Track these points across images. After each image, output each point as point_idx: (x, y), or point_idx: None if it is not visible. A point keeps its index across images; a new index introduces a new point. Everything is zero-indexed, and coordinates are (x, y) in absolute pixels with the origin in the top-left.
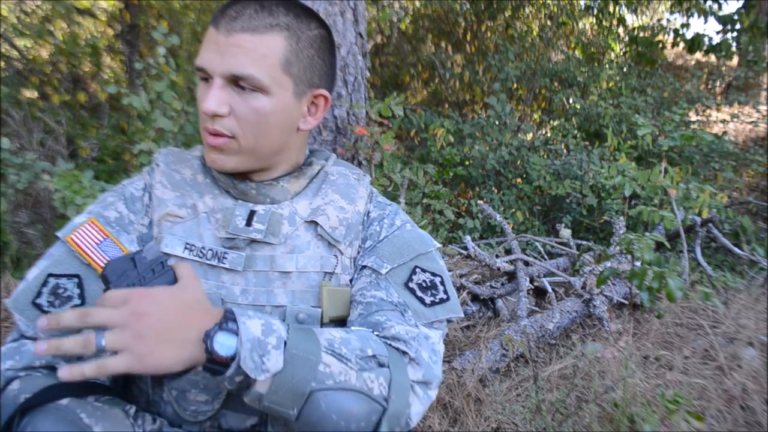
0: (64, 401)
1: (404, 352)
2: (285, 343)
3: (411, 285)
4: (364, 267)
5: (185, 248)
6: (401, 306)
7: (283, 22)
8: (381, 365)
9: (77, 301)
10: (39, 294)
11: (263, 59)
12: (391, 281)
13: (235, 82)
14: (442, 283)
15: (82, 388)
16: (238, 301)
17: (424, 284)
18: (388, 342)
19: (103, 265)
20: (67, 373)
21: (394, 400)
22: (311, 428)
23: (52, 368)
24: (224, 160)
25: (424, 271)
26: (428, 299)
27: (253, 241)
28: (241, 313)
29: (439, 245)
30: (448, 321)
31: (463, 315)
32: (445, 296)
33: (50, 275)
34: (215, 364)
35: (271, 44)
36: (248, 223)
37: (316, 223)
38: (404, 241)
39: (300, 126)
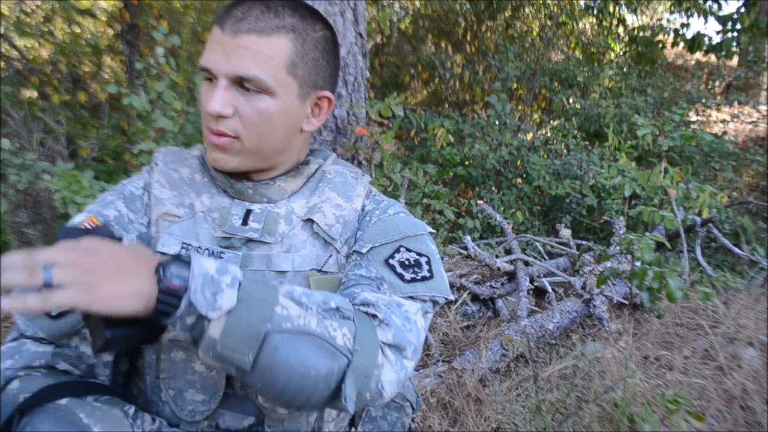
0: (63, 401)
1: (373, 315)
2: (240, 283)
3: (391, 262)
4: (352, 253)
5: (182, 247)
6: (378, 280)
7: (289, 24)
8: (345, 318)
9: None
10: None
11: (269, 61)
12: (372, 259)
13: (240, 83)
14: (429, 263)
15: (82, 388)
16: None
17: (406, 262)
18: (357, 307)
19: None
20: (8, 303)
21: (360, 354)
22: (268, 378)
23: (51, 368)
24: (226, 159)
25: (409, 250)
26: (408, 276)
27: (250, 240)
28: (197, 253)
29: (433, 231)
30: (435, 303)
31: (452, 297)
32: (428, 274)
33: None
34: (168, 296)
35: (277, 46)
36: (244, 222)
37: (312, 221)
38: (392, 224)
39: (303, 127)
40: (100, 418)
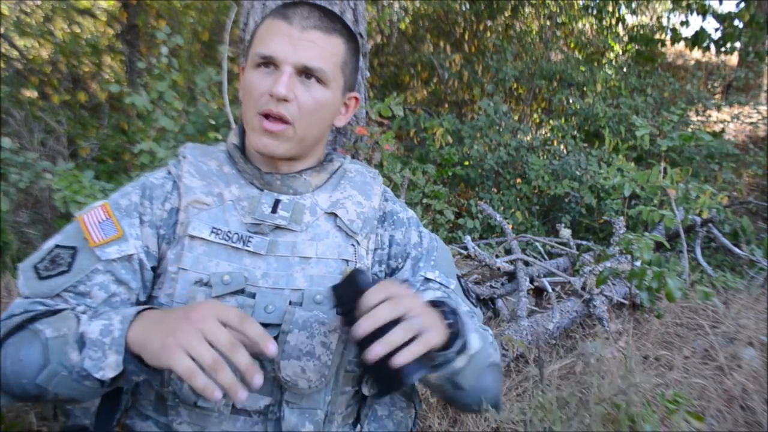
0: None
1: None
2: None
3: (466, 293)
4: (428, 279)
5: (212, 232)
6: (471, 312)
7: (340, 29)
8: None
9: (64, 268)
10: (42, 260)
11: (331, 57)
12: (458, 293)
13: (303, 72)
14: (467, 284)
15: (49, 314)
16: (259, 283)
17: (467, 288)
18: None
19: (96, 240)
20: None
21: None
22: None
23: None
24: (276, 144)
25: (460, 278)
26: (473, 301)
27: (277, 227)
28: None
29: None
30: None
31: None
32: (473, 296)
33: (57, 246)
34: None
35: (336, 45)
36: (273, 211)
37: (335, 215)
38: (447, 254)
39: (335, 122)
40: (50, 323)
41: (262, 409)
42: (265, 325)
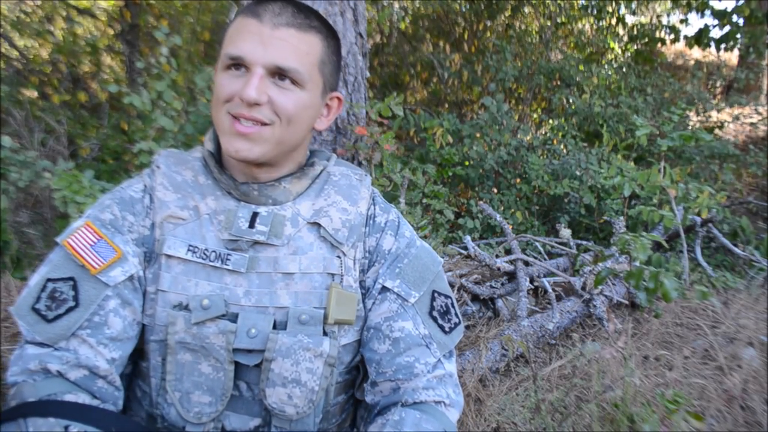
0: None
1: (440, 402)
2: None
3: (434, 313)
4: (386, 289)
5: (188, 250)
6: (426, 339)
7: (318, 26)
8: None
9: (71, 303)
10: (38, 299)
11: (306, 56)
12: (418, 310)
13: (275, 73)
14: (452, 305)
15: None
16: (241, 302)
17: (442, 309)
18: (426, 393)
19: (96, 266)
20: None
21: None
22: None
23: (47, 370)
24: (250, 148)
25: (440, 294)
26: (447, 326)
27: (256, 242)
28: None
29: (441, 260)
30: None
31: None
32: (457, 320)
33: (48, 280)
34: None
35: (312, 43)
36: (251, 225)
37: (319, 225)
38: (423, 263)
39: (315, 125)
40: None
41: (252, 429)
42: (248, 351)
